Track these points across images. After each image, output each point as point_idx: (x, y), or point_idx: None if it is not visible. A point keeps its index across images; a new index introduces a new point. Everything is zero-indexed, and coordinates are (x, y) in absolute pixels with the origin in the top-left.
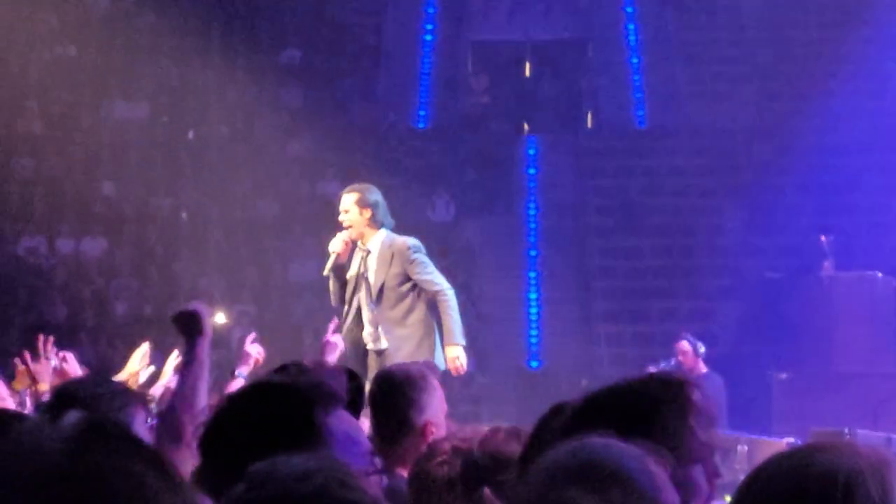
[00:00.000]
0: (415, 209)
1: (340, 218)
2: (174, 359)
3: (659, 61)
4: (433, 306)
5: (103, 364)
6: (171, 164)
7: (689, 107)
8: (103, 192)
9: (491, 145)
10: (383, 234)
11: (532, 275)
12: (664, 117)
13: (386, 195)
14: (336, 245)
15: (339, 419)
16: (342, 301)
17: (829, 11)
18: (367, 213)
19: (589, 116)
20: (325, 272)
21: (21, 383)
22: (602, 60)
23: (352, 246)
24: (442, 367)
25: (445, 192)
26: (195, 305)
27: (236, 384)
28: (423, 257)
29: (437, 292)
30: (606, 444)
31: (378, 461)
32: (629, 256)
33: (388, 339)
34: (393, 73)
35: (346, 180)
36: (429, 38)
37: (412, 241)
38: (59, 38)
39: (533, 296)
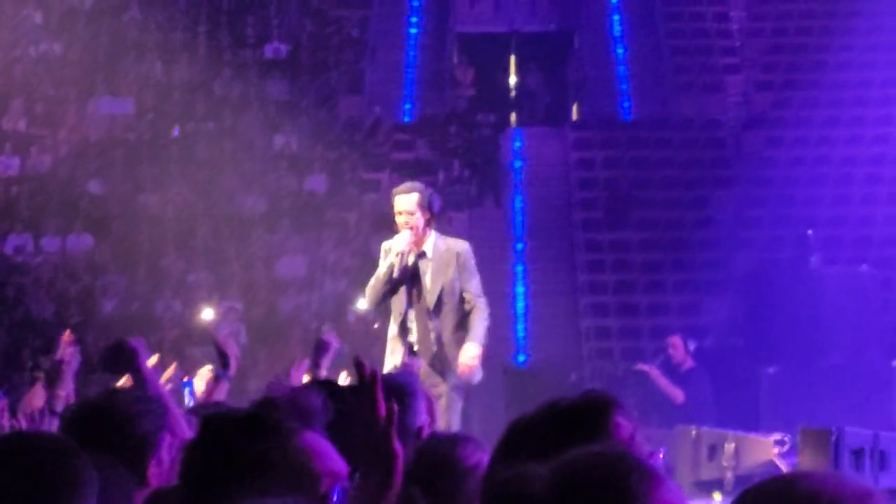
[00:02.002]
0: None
1: (403, 220)
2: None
3: (645, 52)
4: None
5: (88, 362)
6: (158, 160)
7: (676, 98)
8: (89, 190)
9: (477, 138)
10: (434, 235)
11: (519, 269)
12: (651, 109)
13: (373, 189)
14: (402, 244)
15: (306, 446)
16: (380, 303)
17: (817, 2)
18: (428, 215)
19: (575, 108)
20: (394, 275)
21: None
22: (588, 52)
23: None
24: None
25: (430, 186)
26: (129, 340)
27: (223, 388)
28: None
29: (479, 299)
30: None
31: (348, 483)
32: (616, 250)
33: (447, 345)
34: (379, 66)
35: (333, 175)
36: (414, 31)
37: (467, 244)
38: (44, 35)
39: (520, 290)
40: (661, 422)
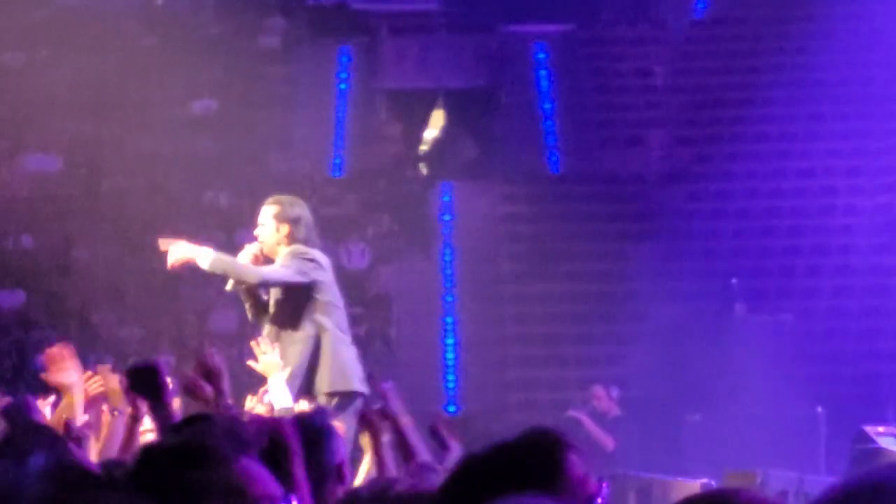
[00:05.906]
0: (331, 258)
1: (256, 232)
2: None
3: (571, 107)
4: (335, 320)
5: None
6: (88, 215)
7: (601, 153)
8: (21, 245)
9: (406, 193)
10: None
11: (448, 320)
12: (577, 163)
13: None
14: (243, 258)
15: (243, 471)
16: (257, 320)
17: (739, 58)
18: (285, 230)
19: (502, 163)
20: (228, 288)
21: None
22: (514, 107)
23: (263, 261)
24: (330, 387)
25: (361, 240)
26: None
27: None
28: (293, 258)
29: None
30: None
31: None
32: (544, 302)
33: (284, 361)
34: (308, 122)
35: None
36: (343, 87)
37: (301, 247)
38: None
39: (449, 341)
40: (588, 469)
